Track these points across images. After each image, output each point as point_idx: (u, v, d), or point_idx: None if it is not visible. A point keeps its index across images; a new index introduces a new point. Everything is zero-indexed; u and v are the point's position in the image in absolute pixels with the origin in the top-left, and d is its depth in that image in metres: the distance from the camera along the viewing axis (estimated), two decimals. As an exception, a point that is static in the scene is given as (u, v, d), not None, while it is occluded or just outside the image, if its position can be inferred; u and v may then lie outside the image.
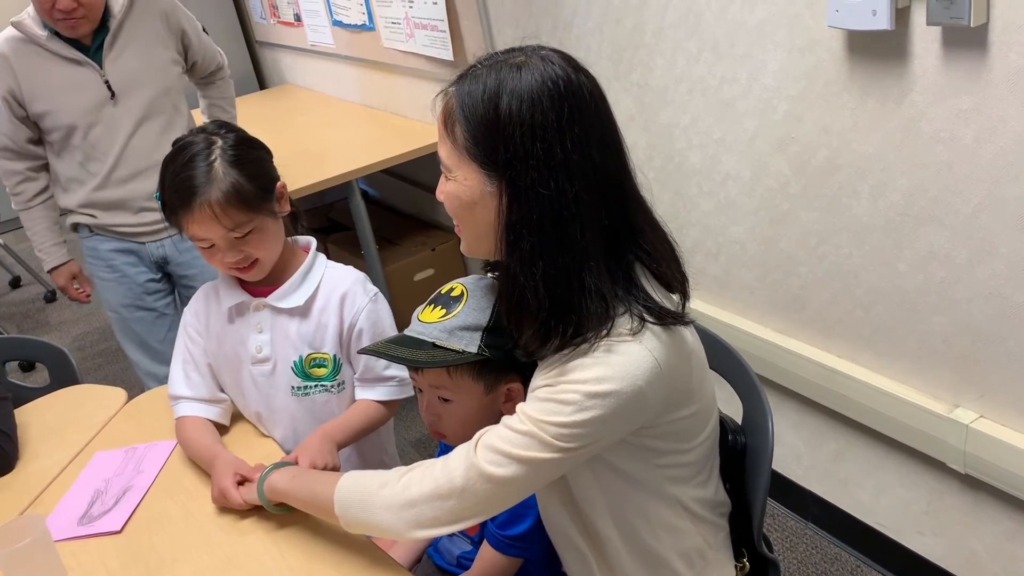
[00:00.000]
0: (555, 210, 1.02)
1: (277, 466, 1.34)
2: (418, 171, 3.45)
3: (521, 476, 1.05)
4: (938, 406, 1.69)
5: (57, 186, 2.35)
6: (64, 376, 1.88)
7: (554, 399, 1.03)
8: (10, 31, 2.18)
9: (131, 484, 1.46)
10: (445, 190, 1.10)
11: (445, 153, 1.08)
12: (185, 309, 1.61)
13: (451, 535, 1.39)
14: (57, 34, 2.16)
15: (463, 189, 1.07)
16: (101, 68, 2.20)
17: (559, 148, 1.01)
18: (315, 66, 4.06)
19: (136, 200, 2.31)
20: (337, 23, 3.56)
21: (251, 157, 1.45)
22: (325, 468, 1.35)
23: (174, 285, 2.50)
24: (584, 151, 1.02)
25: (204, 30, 2.45)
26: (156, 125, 2.30)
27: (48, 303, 4.51)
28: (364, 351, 1.28)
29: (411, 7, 2.94)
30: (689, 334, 1.12)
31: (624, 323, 1.04)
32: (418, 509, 1.10)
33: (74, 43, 2.18)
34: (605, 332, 1.03)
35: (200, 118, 2.62)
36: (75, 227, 2.41)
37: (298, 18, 3.92)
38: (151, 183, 2.20)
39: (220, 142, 1.43)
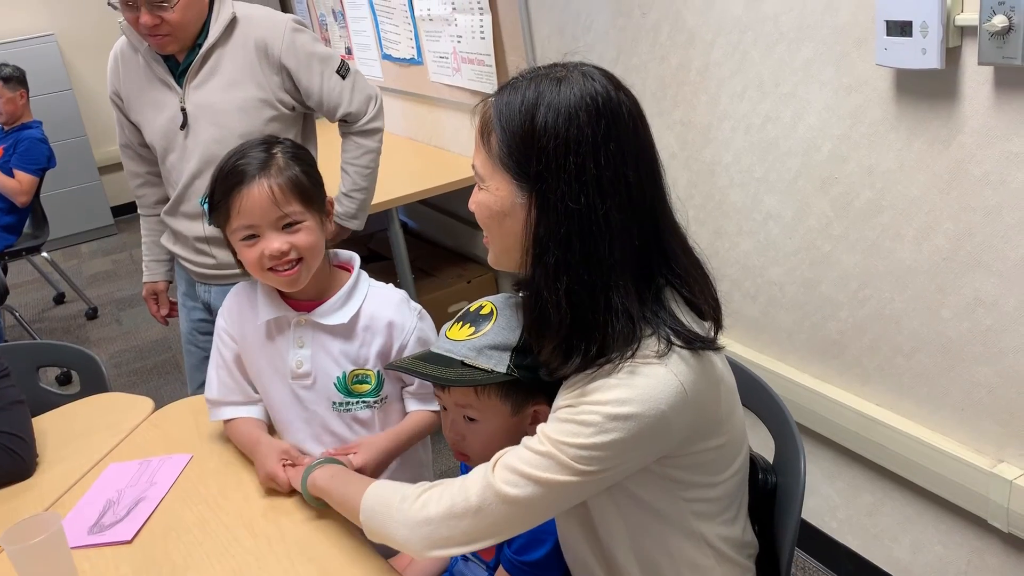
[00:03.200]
0: (583, 226, 1.00)
1: (325, 461, 1.35)
2: (457, 204, 3.47)
3: (538, 498, 1.02)
4: (981, 460, 1.63)
5: None
6: (94, 384, 1.89)
7: (574, 420, 1.01)
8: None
9: (144, 495, 1.45)
10: (477, 199, 1.10)
11: (479, 162, 1.08)
12: (218, 314, 1.60)
13: (466, 560, 1.35)
14: None
15: (494, 199, 1.06)
16: (183, 92, 1.99)
17: (592, 164, 1.00)
18: (363, 99, 4.12)
19: (195, 240, 2.11)
20: (387, 57, 3.62)
21: (309, 160, 1.50)
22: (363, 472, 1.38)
23: None
24: (618, 169, 1.01)
25: (342, 70, 2.08)
26: None
27: (89, 320, 4.58)
28: (391, 367, 1.27)
29: (459, 42, 2.98)
30: (719, 362, 1.09)
31: (651, 344, 1.01)
32: (433, 527, 1.08)
33: (169, 59, 2.01)
34: (631, 353, 1.00)
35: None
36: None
37: (349, 51, 3.99)
38: (211, 229, 1.91)
39: (280, 144, 1.48)
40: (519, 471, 1.03)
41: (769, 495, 1.28)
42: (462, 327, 1.19)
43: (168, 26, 1.90)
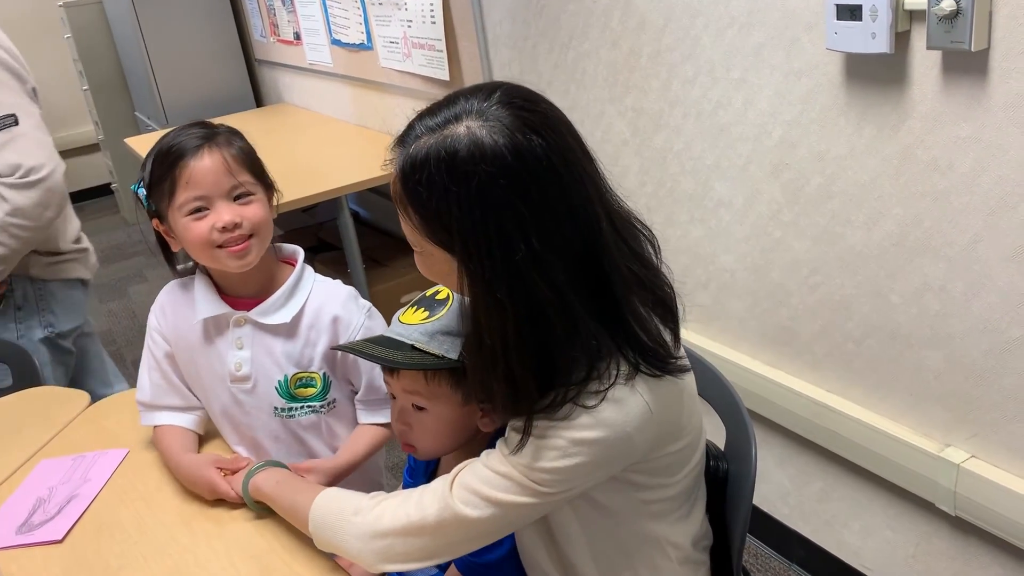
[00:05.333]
0: (521, 311, 0.91)
1: (267, 464, 1.30)
2: (410, 193, 3.41)
3: (496, 518, 1.00)
4: (929, 445, 1.64)
5: None
6: (27, 378, 1.82)
7: (538, 442, 0.97)
8: None
9: (76, 492, 1.39)
10: (416, 258, 1.03)
11: (406, 230, 0.99)
12: (150, 312, 1.50)
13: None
14: None
15: (431, 262, 1.00)
16: None
17: (522, 244, 0.89)
18: (312, 85, 4.04)
19: None
20: (336, 42, 3.55)
21: (251, 148, 1.44)
22: None
23: None
24: (553, 232, 0.91)
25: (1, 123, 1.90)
26: None
27: (29, 313, 4.44)
28: (339, 348, 1.23)
29: (410, 26, 2.93)
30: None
31: (616, 365, 0.97)
32: (388, 542, 1.05)
33: None
34: (596, 375, 0.96)
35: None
36: None
37: (298, 36, 3.91)
38: None
39: (219, 127, 1.41)
40: (478, 492, 1.00)
41: (721, 482, 1.26)
42: (416, 311, 1.16)
43: None
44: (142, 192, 1.38)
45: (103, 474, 1.43)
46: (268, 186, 1.41)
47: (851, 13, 1.47)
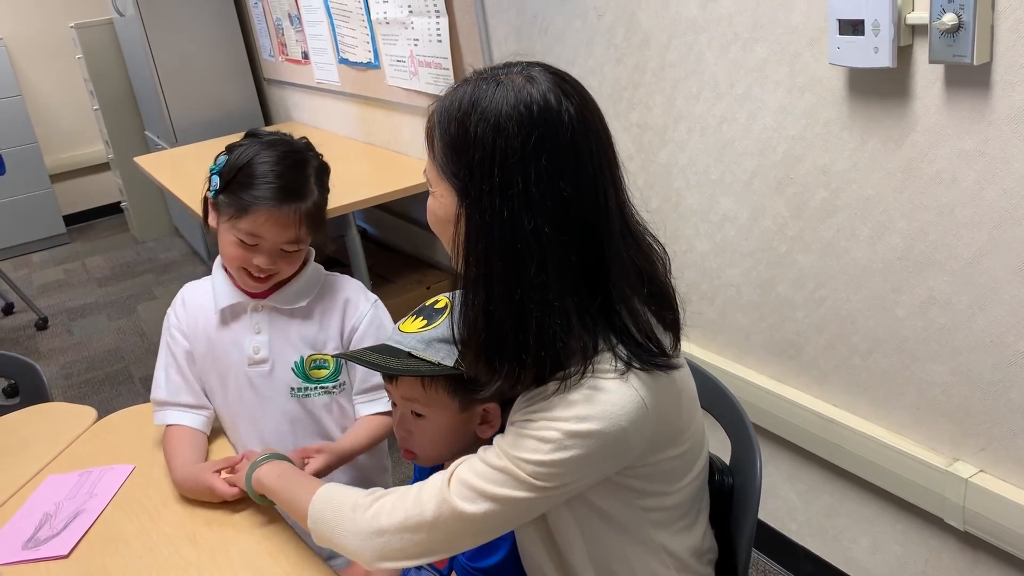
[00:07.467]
0: (506, 243, 0.96)
1: (271, 457, 1.32)
2: (416, 209, 3.44)
3: (494, 514, 1.00)
4: (937, 459, 1.63)
5: None
6: (35, 394, 1.82)
7: (533, 435, 0.98)
8: None
9: (83, 508, 1.39)
10: (428, 205, 1.07)
11: (428, 166, 1.05)
12: (168, 311, 1.58)
13: (419, 568, 1.32)
14: None
15: (439, 206, 1.04)
16: None
17: (520, 178, 0.94)
18: (320, 104, 4.07)
19: None
20: (344, 61, 3.58)
21: (327, 180, 1.51)
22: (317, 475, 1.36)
23: None
24: (551, 184, 0.95)
25: None
26: None
27: (40, 330, 4.46)
28: (340, 355, 1.25)
29: (416, 45, 2.95)
30: (679, 371, 1.07)
31: (609, 359, 0.98)
32: (385, 539, 1.05)
33: None
34: (590, 368, 0.97)
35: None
36: None
37: (306, 56, 3.94)
38: None
39: (313, 161, 1.48)
40: (475, 487, 1.00)
41: (726, 497, 1.26)
42: (415, 320, 1.18)
43: None
44: (216, 180, 1.43)
45: (109, 489, 1.43)
46: (314, 236, 1.48)
47: (853, 28, 1.47)
